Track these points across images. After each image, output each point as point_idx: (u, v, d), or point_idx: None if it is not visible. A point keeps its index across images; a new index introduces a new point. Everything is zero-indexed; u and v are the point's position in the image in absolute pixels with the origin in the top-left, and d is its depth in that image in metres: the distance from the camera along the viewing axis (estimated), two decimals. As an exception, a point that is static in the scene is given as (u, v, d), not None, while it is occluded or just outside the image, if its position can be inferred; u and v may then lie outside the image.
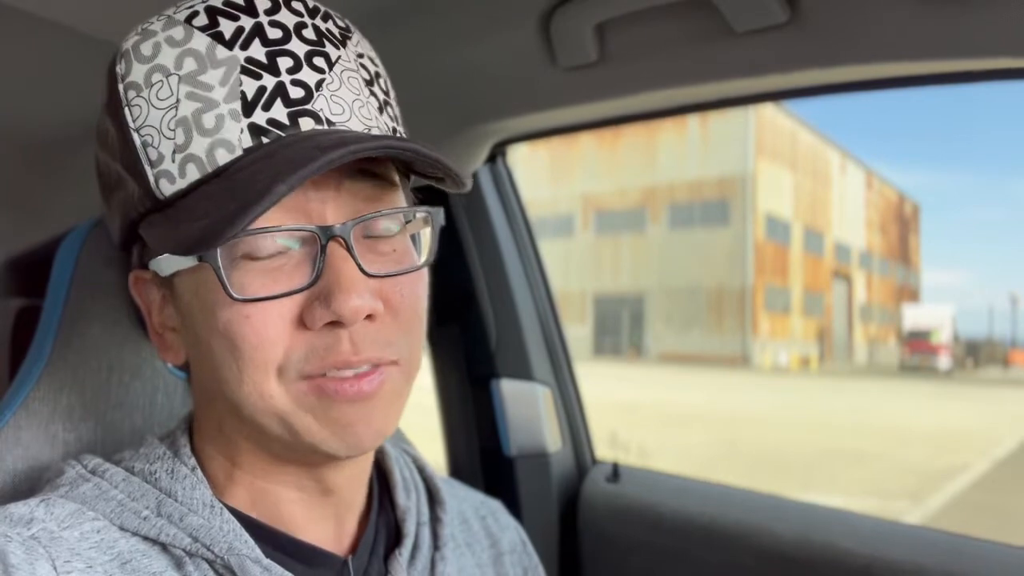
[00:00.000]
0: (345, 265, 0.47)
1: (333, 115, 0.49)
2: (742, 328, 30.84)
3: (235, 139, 0.46)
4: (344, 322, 0.47)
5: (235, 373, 0.48)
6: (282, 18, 0.50)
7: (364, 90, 0.51)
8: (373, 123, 0.51)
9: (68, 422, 0.62)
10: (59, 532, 0.48)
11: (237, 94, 0.47)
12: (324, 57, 0.50)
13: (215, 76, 0.47)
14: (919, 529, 1.00)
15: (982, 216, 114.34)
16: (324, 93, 0.49)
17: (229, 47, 0.48)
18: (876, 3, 0.70)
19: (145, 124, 0.48)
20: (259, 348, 0.47)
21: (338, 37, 0.52)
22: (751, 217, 30.49)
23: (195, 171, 0.47)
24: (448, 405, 1.27)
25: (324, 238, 0.47)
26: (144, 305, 0.55)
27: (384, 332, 0.49)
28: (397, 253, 0.51)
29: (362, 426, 0.49)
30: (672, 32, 0.81)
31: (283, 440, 0.50)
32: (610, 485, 1.18)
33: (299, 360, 0.47)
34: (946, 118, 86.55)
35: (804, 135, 34.68)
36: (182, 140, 0.47)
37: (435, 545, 0.61)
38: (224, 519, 0.51)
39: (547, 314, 1.25)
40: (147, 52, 0.49)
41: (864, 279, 42.78)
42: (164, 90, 0.48)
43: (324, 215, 0.48)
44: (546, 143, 32.84)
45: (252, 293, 0.46)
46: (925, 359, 31.88)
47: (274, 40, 0.49)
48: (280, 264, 0.47)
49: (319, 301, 0.46)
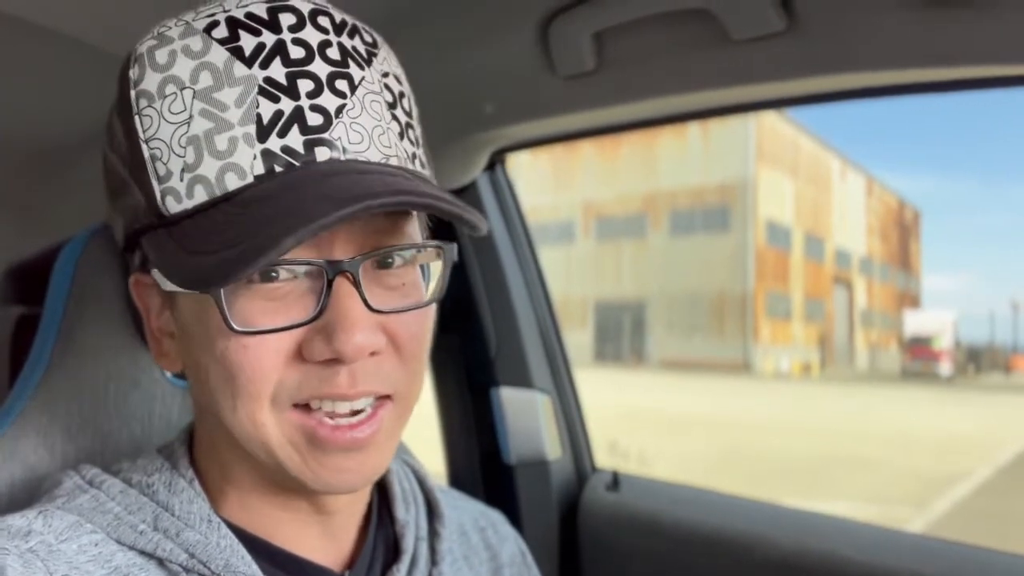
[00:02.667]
0: (350, 302, 0.45)
1: (351, 143, 0.47)
2: (743, 334, 30.80)
3: (247, 165, 0.45)
4: (345, 360, 0.45)
5: (229, 400, 0.47)
6: (306, 35, 0.47)
7: (386, 115, 0.49)
8: (392, 151, 0.49)
9: (66, 432, 0.61)
10: (57, 545, 0.47)
11: (253, 117, 0.45)
12: (347, 80, 0.47)
13: (231, 95, 0.45)
14: (918, 537, 1.00)
15: (983, 222, 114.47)
16: (344, 120, 0.47)
17: (248, 65, 0.46)
18: (874, 11, 0.70)
19: (155, 137, 0.47)
20: (254, 380, 0.46)
21: (363, 56, 0.49)
22: (752, 223, 30.49)
23: (203, 193, 0.45)
24: (448, 413, 1.27)
25: (332, 273, 0.45)
26: (143, 308, 0.54)
27: (384, 367, 0.48)
28: (406, 287, 0.50)
29: (354, 473, 0.48)
30: (670, 40, 0.81)
31: (272, 470, 0.49)
32: (610, 493, 1.17)
33: (292, 388, 0.47)
34: (946, 124, 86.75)
35: (804, 141, 34.72)
36: (192, 159, 0.45)
37: (433, 561, 0.60)
38: (221, 534, 0.50)
39: (547, 322, 1.25)
40: (162, 60, 0.47)
41: (865, 285, 42.75)
42: (177, 104, 0.46)
43: (332, 248, 0.46)
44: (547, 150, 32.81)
45: (253, 324, 0.45)
46: (926, 365, 31.80)
47: (296, 60, 0.46)
48: (285, 293, 0.46)
49: (321, 336, 0.45)
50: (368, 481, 0.50)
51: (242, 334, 0.45)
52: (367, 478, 0.50)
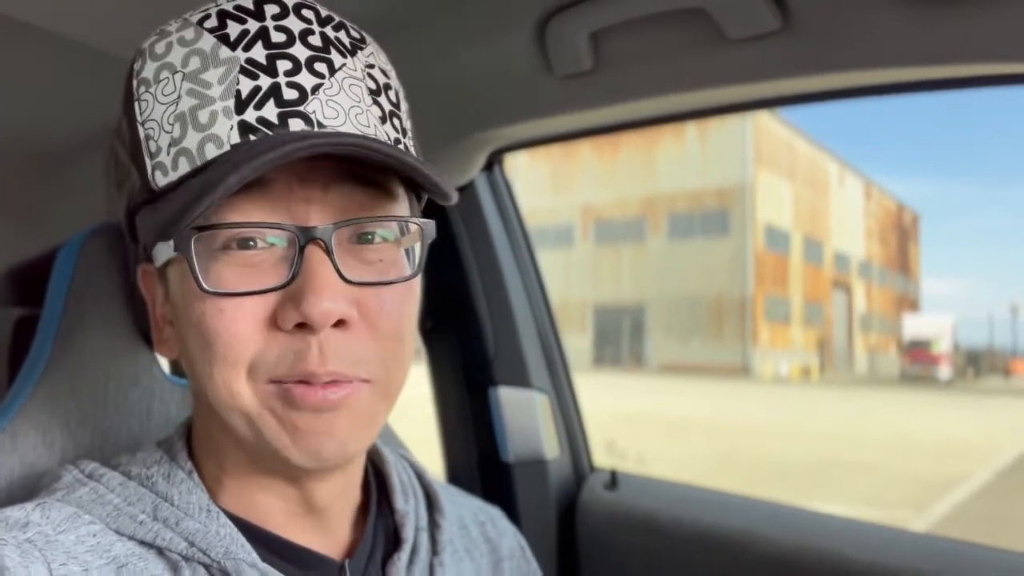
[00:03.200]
0: (321, 268, 0.46)
1: (326, 118, 0.48)
2: (742, 338, 30.81)
3: (224, 135, 0.47)
4: (313, 325, 0.46)
5: (207, 368, 0.48)
6: (289, 23, 0.50)
7: (367, 99, 0.50)
8: (371, 131, 0.50)
9: (65, 428, 0.62)
10: (55, 536, 0.48)
11: (232, 92, 0.47)
12: (327, 63, 0.49)
13: (215, 74, 0.48)
14: (918, 535, 1.00)
15: (982, 224, 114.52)
16: (320, 97, 0.48)
17: (232, 48, 0.48)
18: (869, 10, 0.70)
19: (149, 118, 0.49)
20: (231, 345, 0.47)
21: (347, 46, 0.51)
22: (751, 227, 30.52)
23: (186, 164, 0.47)
24: (446, 413, 1.27)
25: (303, 239, 0.46)
26: (149, 297, 0.55)
27: (356, 345, 0.48)
28: (384, 263, 0.50)
29: (324, 437, 0.48)
30: (666, 40, 0.81)
31: (249, 442, 0.50)
32: (608, 492, 1.18)
33: (270, 363, 0.47)
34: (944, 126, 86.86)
35: (802, 145, 34.78)
36: (178, 134, 0.48)
37: (434, 550, 0.61)
38: (221, 523, 0.51)
39: (544, 322, 1.25)
40: (160, 51, 0.50)
41: (864, 289, 42.77)
42: (169, 86, 0.48)
43: (308, 216, 0.47)
44: (546, 153, 32.90)
45: (227, 287, 0.46)
46: (926, 369, 31.80)
47: (277, 43, 0.49)
48: (261, 260, 0.47)
49: (291, 301, 0.46)
50: (341, 452, 0.49)
51: (213, 295, 0.46)
52: (340, 449, 0.49)
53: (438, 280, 1.21)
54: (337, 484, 0.55)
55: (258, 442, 0.49)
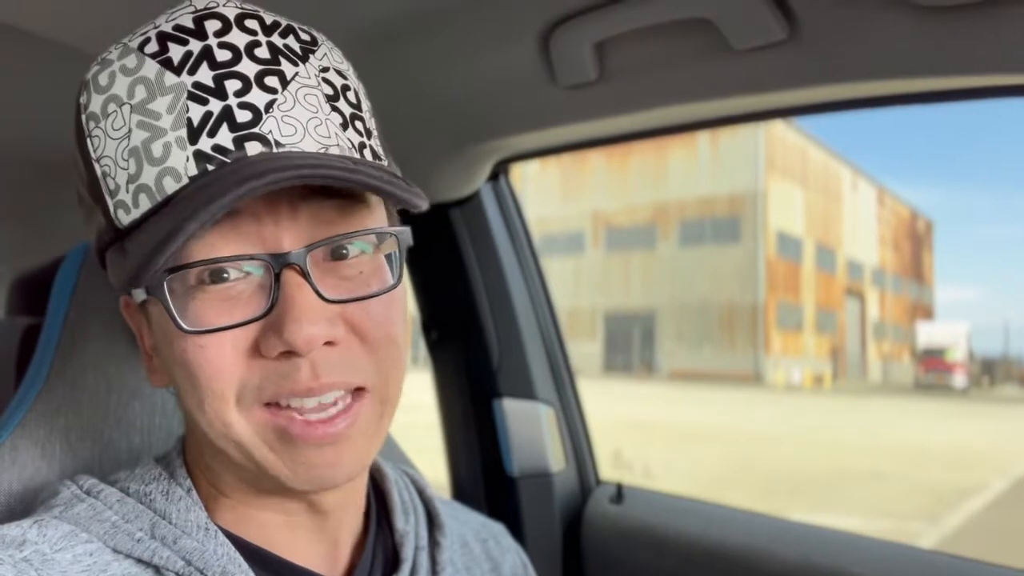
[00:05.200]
0: (300, 293, 0.45)
1: (283, 136, 0.46)
2: (754, 345, 30.64)
3: (181, 168, 0.45)
4: (298, 351, 0.45)
5: (196, 402, 0.47)
6: (232, 39, 0.47)
7: (324, 107, 0.48)
8: (332, 141, 0.48)
9: (65, 442, 0.62)
10: (51, 554, 0.47)
11: (183, 121, 0.45)
12: (278, 76, 0.47)
13: (163, 104, 0.46)
14: (925, 552, 0.98)
15: (996, 232, 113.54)
16: (275, 114, 0.46)
17: (177, 73, 0.46)
18: (876, 20, 0.69)
19: (104, 155, 0.47)
20: (215, 378, 0.46)
21: (298, 53, 0.49)
22: (762, 234, 30.39)
23: (147, 201, 0.46)
24: (450, 424, 1.26)
25: (277, 266, 0.45)
26: (136, 329, 0.55)
27: (349, 356, 0.48)
28: (364, 275, 0.49)
29: (331, 468, 0.48)
30: (671, 50, 0.81)
31: (247, 469, 0.49)
32: (614, 506, 1.16)
33: (255, 387, 0.47)
34: (958, 134, 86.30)
35: (814, 152, 34.63)
36: (134, 170, 0.46)
37: (433, 571, 0.60)
38: (219, 542, 0.50)
39: (550, 332, 1.25)
40: (103, 82, 0.48)
41: (877, 296, 42.47)
42: (118, 120, 0.47)
43: (280, 241, 0.46)
44: (556, 161, 32.92)
45: (205, 323, 0.45)
46: (940, 377, 31.50)
47: (222, 62, 0.46)
48: (238, 292, 0.46)
49: (273, 330, 0.45)
50: (348, 476, 0.49)
51: (191, 334, 0.46)
52: (346, 473, 0.49)
53: (443, 290, 1.21)
54: (344, 490, 0.54)
55: (257, 470, 0.49)
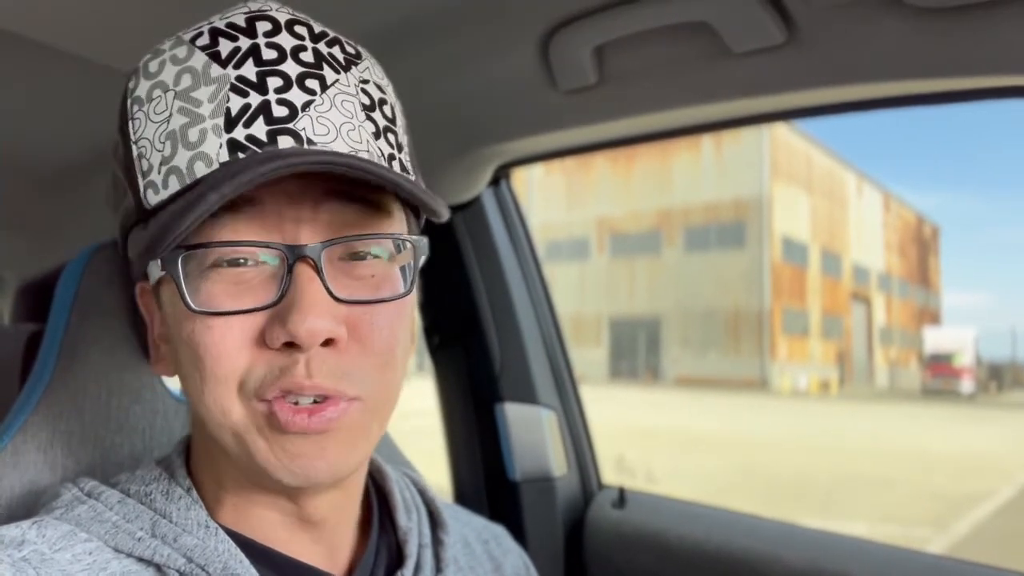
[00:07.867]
0: (310, 286, 0.46)
1: (316, 135, 0.48)
2: (760, 351, 30.53)
3: (213, 153, 0.47)
4: (300, 343, 0.46)
5: (198, 386, 0.48)
6: (280, 40, 0.49)
7: (359, 114, 0.50)
8: (363, 147, 0.49)
9: (67, 446, 0.62)
10: (50, 554, 0.48)
11: (222, 110, 0.47)
12: (319, 80, 0.49)
13: (206, 92, 0.48)
14: (931, 557, 0.98)
15: (1003, 237, 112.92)
16: (310, 114, 0.48)
17: (223, 66, 0.48)
18: (874, 22, 0.70)
19: (142, 137, 0.49)
20: (220, 362, 0.47)
21: (341, 62, 0.51)
22: (767, 239, 30.32)
23: (176, 183, 0.47)
24: (452, 429, 1.26)
25: (292, 257, 0.46)
26: (148, 316, 0.55)
27: (345, 361, 0.48)
28: (376, 279, 0.50)
29: (314, 459, 0.48)
30: (671, 54, 0.81)
31: (241, 460, 0.49)
32: (616, 511, 1.16)
33: (257, 379, 0.47)
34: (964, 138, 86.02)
35: (819, 157, 34.58)
36: (168, 152, 0.48)
37: (437, 567, 0.60)
38: (219, 539, 0.50)
39: (552, 337, 1.25)
40: (153, 69, 0.50)
41: (884, 302, 42.30)
42: (161, 104, 0.49)
43: (298, 235, 0.47)
44: (561, 166, 32.93)
45: (215, 306, 0.46)
46: (947, 383, 31.29)
47: (268, 60, 0.48)
48: (250, 278, 0.47)
49: (278, 320, 0.46)
50: (331, 474, 0.49)
51: (200, 314, 0.46)
52: (329, 470, 0.49)
53: (445, 295, 1.21)
54: (333, 499, 0.54)
55: (248, 461, 0.49)
